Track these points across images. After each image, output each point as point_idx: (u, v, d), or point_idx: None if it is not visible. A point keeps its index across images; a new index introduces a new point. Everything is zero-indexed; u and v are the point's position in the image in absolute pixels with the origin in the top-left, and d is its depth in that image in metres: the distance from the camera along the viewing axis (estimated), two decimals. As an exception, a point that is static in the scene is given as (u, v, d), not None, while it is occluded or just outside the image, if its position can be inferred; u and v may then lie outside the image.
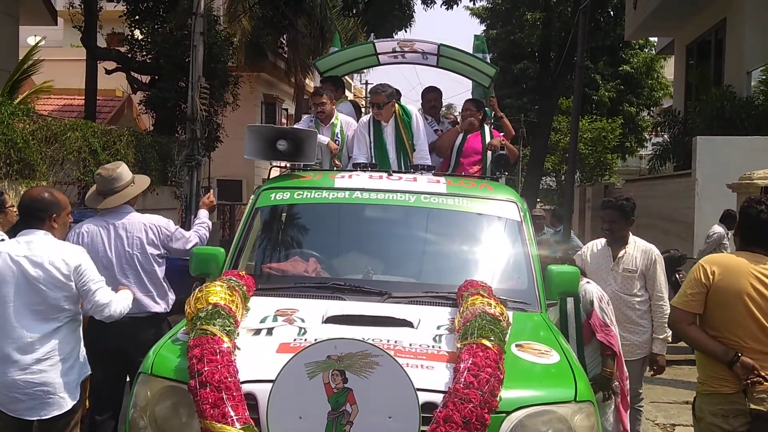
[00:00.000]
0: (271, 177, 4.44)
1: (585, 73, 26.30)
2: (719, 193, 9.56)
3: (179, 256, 4.54)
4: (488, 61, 6.30)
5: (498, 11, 21.96)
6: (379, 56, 6.37)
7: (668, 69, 33.00)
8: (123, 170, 4.43)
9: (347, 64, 6.48)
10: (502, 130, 6.13)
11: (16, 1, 14.75)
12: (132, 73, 16.93)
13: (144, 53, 16.50)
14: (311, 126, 5.60)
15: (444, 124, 6.29)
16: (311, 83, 30.45)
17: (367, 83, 40.86)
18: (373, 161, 5.37)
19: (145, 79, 16.94)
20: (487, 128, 5.83)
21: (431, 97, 6.34)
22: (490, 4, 24.40)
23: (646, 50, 29.81)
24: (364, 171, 4.30)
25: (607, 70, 28.60)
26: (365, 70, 25.23)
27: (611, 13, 23.58)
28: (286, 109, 27.93)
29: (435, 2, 15.51)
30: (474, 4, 18.74)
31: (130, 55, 16.73)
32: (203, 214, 4.91)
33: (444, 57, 6.18)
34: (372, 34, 23.69)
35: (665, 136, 14.39)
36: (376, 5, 15.72)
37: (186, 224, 12.95)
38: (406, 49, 6.13)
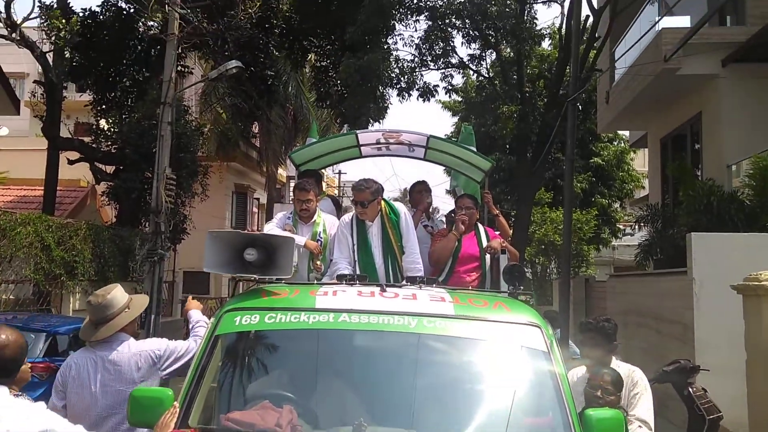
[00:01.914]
0: (235, 293, 3.68)
1: (556, 165, 26.45)
2: (719, 293, 8.99)
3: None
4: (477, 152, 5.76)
5: (473, 104, 21.95)
6: (361, 148, 5.78)
7: (638, 161, 33.43)
8: (116, 295, 4.01)
9: (326, 157, 5.87)
10: (496, 230, 5.50)
11: (-24, 89, 14.19)
12: (96, 164, 16.27)
13: (109, 143, 15.91)
14: (288, 224, 4.94)
15: (435, 221, 5.66)
16: (284, 173, 30.10)
17: (340, 173, 40.68)
18: (357, 266, 4.69)
19: (110, 169, 16.28)
20: (482, 228, 5.20)
21: (420, 188, 5.75)
22: (461, 97, 24.52)
23: (615, 143, 30.20)
24: (351, 285, 3.56)
25: (578, 162, 28.78)
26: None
27: (579, 107, 23.81)
28: (258, 199, 27.36)
29: (410, 95, 15.31)
30: (449, 96, 18.69)
31: (94, 145, 16.13)
32: (195, 314, 4.45)
33: (433, 149, 5.63)
34: (345, 126, 23.59)
35: (648, 229, 13.97)
36: (351, 97, 15.44)
37: (146, 323, 12.01)
38: (391, 140, 5.57)
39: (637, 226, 15.24)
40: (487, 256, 5.04)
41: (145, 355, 3.95)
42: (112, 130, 15.98)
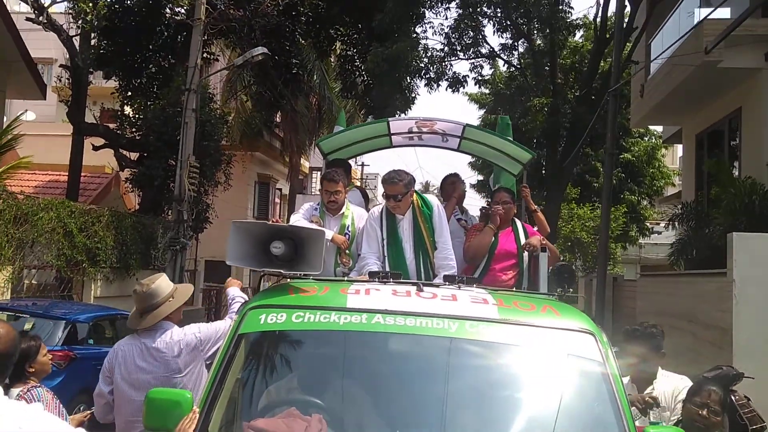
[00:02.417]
0: (261, 288, 3.40)
1: (584, 160, 25.90)
2: (760, 296, 8.61)
3: None
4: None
5: (501, 96, 21.48)
6: (392, 137, 5.48)
7: (668, 158, 32.69)
8: (160, 284, 4.09)
9: (355, 146, 5.57)
10: (534, 227, 5.17)
11: (4, 73, 14.11)
12: (120, 150, 16.18)
13: (133, 130, 15.79)
14: (315, 216, 4.67)
15: (468, 214, 5.35)
16: (307, 163, 29.92)
17: (363, 165, 40.38)
18: (386, 261, 4.40)
19: (134, 156, 16.17)
20: (519, 224, 4.88)
21: (452, 180, 5.44)
22: (489, 89, 24.06)
23: (646, 139, 29.58)
24: (384, 283, 3.23)
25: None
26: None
27: (602, 103, 23.30)
28: (280, 189, 27.21)
29: (439, 85, 14.95)
30: (479, 87, 18.28)
31: (119, 132, 16.02)
32: (233, 290, 4.49)
33: (468, 140, 5.31)
34: (370, 117, 23.30)
35: (679, 228, 13.51)
36: (378, 87, 15.13)
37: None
38: (424, 129, 5.26)
39: (668, 225, 14.75)
40: (525, 254, 4.72)
41: (187, 341, 3.97)
42: (137, 116, 15.86)
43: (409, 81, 14.57)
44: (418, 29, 15.37)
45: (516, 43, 16.13)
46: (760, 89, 13.48)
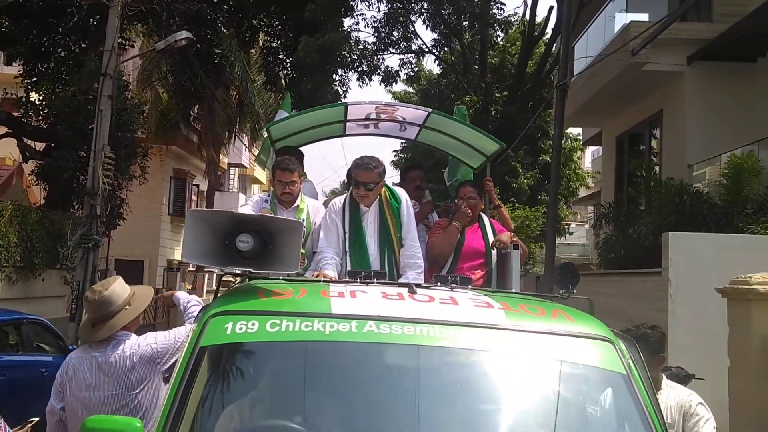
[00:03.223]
0: (220, 289, 2.88)
1: (505, 163, 26.18)
2: (695, 295, 8.68)
3: None
4: None
5: (428, 94, 21.37)
6: (347, 124, 5.05)
7: (581, 160, 33.58)
8: (115, 290, 3.62)
9: (306, 132, 5.10)
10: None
11: None
12: (24, 140, 14.95)
13: (40, 118, 14.61)
14: (266, 208, 4.23)
15: (432, 215, 4.98)
16: (225, 159, 28.90)
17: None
18: (347, 258, 3.99)
19: (40, 146, 14.97)
20: (486, 220, 4.56)
21: (415, 176, 5.06)
22: (414, 89, 23.89)
23: (563, 141, 30.30)
24: (367, 284, 2.78)
25: (527, 158, 28.74)
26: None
27: (529, 104, 23.62)
28: (197, 186, 26.12)
29: (371, 79, 14.60)
30: (412, 84, 18.01)
31: (23, 120, 14.80)
32: (182, 294, 4.07)
33: (429, 129, 4.94)
34: (293, 111, 22.66)
35: (607, 228, 13.68)
36: (308, 79, 14.62)
37: (77, 317, 10.96)
38: (383, 116, 4.86)
39: (597, 224, 14.93)
40: (494, 252, 4.41)
41: (141, 353, 3.54)
42: (44, 103, 14.68)
43: (341, 73, 14.14)
44: (350, 21, 14.98)
45: (447, 40, 15.97)
46: (681, 92, 13.84)
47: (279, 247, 2.66)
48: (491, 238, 4.44)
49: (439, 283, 2.83)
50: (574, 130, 26.40)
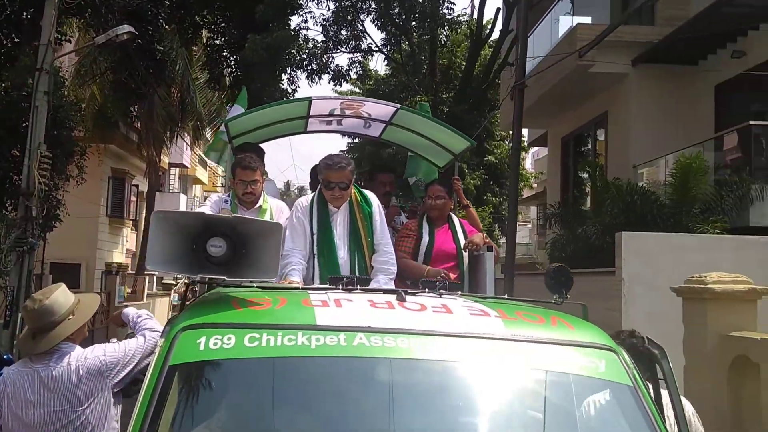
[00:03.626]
0: (187, 298, 2.59)
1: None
2: (648, 294, 8.77)
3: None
4: None
5: (379, 95, 21.22)
6: (309, 120, 4.81)
7: (526, 162, 34.01)
8: (57, 298, 3.37)
9: (266, 129, 4.85)
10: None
11: None
12: (-50, 138, 14.09)
13: (-32, 115, 13.79)
14: (226, 209, 3.97)
15: (401, 218, 4.80)
16: (166, 159, 28.09)
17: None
18: (315, 260, 3.78)
19: (-33, 145, 14.13)
20: (456, 221, 4.41)
21: (385, 180, 4.87)
22: (359, 88, 23.68)
23: (507, 142, 30.67)
24: (350, 290, 2.55)
25: (473, 159, 28.90)
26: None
27: (476, 105, 23.71)
28: (137, 186, 25.27)
29: (321, 78, 14.27)
30: (361, 83, 17.81)
31: (-51, 117, 13.94)
32: (131, 310, 3.76)
33: (396, 126, 4.75)
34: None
35: (556, 227, 13.77)
36: (250, 81, 14.21)
37: (11, 324, 10.37)
38: (348, 111, 4.65)
39: (546, 223, 15.02)
40: (465, 254, 4.25)
41: (88, 366, 3.28)
42: (-28, 100, 13.87)
43: (290, 72, 13.80)
44: (298, 19, 14.67)
45: (397, 39, 15.82)
46: (626, 94, 14.10)
47: (255, 252, 2.41)
48: (462, 240, 4.29)
49: (426, 289, 2.63)
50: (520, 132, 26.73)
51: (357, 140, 24.00)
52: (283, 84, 14.00)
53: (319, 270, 3.81)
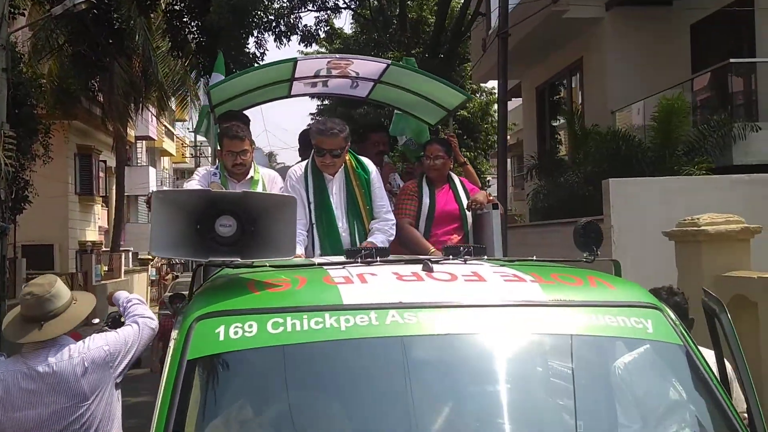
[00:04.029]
0: (198, 277, 2.37)
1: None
2: (636, 240, 8.72)
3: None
4: None
5: (349, 53, 20.70)
6: (294, 83, 4.56)
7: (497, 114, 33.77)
8: (60, 285, 3.26)
9: (249, 95, 4.58)
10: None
11: None
12: None
13: None
14: (216, 182, 3.75)
15: (392, 176, 4.61)
16: (132, 132, 27.40)
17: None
18: (315, 230, 3.59)
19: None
20: (457, 180, 4.23)
21: (378, 139, 4.66)
22: (326, 48, 23.12)
23: (479, 95, 30.41)
24: (369, 263, 2.33)
25: (445, 114, 28.47)
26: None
27: (441, 57, 23.36)
28: (105, 162, 24.64)
29: (290, 39, 13.82)
30: (331, 42, 17.33)
31: None
32: (122, 294, 3.63)
33: (385, 84, 4.52)
34: (203, 80, 21.51)
35: (537, 178, 13.68)
36: (213, 46, 13.70)
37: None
38: (334, 71, 4.40)
39: (526, 175, 14.95)
40: (468, 214, 4.09)
41: (92, 356, 3.10)
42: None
43: (257, 35, 13.31)
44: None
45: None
46: (601, 38, 13.92)
47: (268, 229, 2.21)
48: (464, 199, 4.12)
49: (451, 256, 2.46)
50: (489, 84, 26.46)
51: (327, 102, 23.53)
52: (249, 48, 13.53)
53: (319, 240, 3.63)
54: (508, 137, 32.25)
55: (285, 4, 14.26)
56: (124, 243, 25.14)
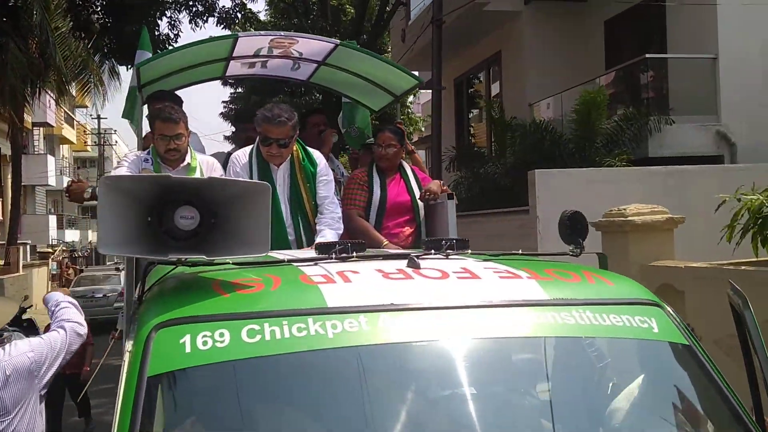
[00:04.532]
0: (149, 281, 2.01)
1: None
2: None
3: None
4: None
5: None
6: (230, 62, 4.21)
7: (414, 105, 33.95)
8: None
9: (181, 74, 4.19)
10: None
11: None
12: None
13: None
14: (148, 169, 3.40)
15: (335, 162, 4.36)
16: (29, 118, 25.72)
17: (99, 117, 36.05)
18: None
19: None
20: (408, 169, 4.03)
21: (318, 121, 4.38)
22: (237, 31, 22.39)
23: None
24: (345, 259, 2.08)
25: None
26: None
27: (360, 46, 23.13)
28: (-2, 149, 23.01)
29: (207, 21, 13.18)
30: (250, 25, 16.66)
31: None
32: (54, 296, 3.27)
33: (330, 66, 4.24)
34: (107, 63, 20.37)
35: (458, 170, 13.69)
36: (121, 25, 12.92)
37: None
38: (276, 51, 4.08)
39: (448, 167, 14.92)
40: (420, 204, 3.89)
41: (15, 364, 2.74)
42: None
43: (170, 15, 12.61)
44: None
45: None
46: (519, 32, 14.08)
47: (236, 222, 1.91)
48: (416, 190, 3.92)
49: (433, 250, 2.24)
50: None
51: (240, 89, 22.80)
52: (159, 29, 12.81)
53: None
54: (422, 129, 32.51)
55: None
56: (21, 236, 23.58)
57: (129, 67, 14.78)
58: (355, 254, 2.12)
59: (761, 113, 10.08)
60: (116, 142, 41.38)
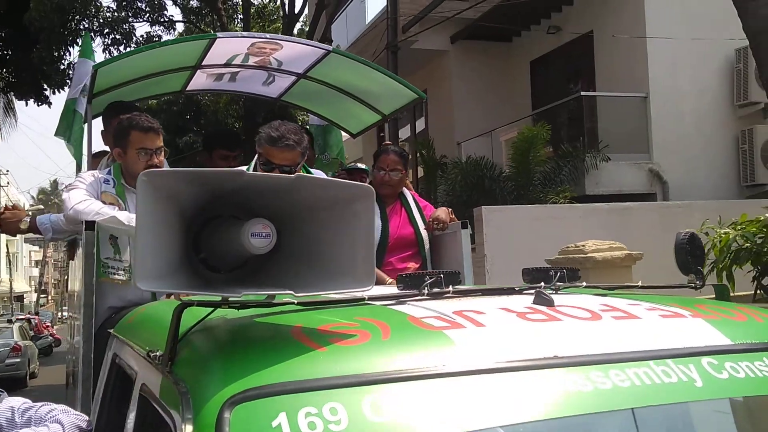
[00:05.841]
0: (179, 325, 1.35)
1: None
2: (511, 269, 8.54)
3: None
4: None
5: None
6: (197, 72, 3.62)
7: (356, 144, 33.70)
8: None
9: (142, 83, 3.54)
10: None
11: None
12: None
13: None
14: (110, 194, 2.74)
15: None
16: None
17: None
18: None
19: None
20: (410, 197, 3.55)
21: (227, 154, 3.76)
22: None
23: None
24: (435, 296, 1.52)
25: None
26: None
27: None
28: None
29: (127, 48, 12.19)
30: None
31: None
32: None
33: (312, 79, 3.73)
34: (2, 98, 18.92)
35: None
36: (24, 55, 11.85)
37: None
38: (254, 59, 3.53)
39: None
40: (424, 235, 3.41)
41: None
42: None
43: (89, 40, 11.65)
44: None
45: (203, 13, 14.27)
46: (444, 70, 14.05)
47: (324, 242, 1.34)
48: (418, 219, 3.44)
49: (543, 283, 1.75)
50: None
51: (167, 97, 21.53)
52: (70, 56, 11.84)
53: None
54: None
55: (116, 15, 12.70)
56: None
57: (35, 101, 13.51)
58: (451, 288, 1.60)
59: (692, 151, 10.32)
60: (8, 183, 38.61)
